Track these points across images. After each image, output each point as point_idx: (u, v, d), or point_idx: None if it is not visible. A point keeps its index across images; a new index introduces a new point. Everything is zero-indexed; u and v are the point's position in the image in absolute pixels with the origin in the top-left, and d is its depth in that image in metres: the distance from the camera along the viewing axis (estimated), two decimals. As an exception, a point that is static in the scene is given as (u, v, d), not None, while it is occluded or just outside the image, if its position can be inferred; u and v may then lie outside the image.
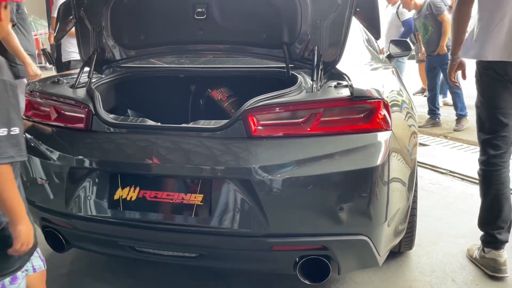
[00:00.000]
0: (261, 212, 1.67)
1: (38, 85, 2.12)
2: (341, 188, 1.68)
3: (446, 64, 5.39)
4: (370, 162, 1.68)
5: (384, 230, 1.79)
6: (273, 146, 1.71)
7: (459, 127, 5.45)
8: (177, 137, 1.80)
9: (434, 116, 5.73)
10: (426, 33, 5.47)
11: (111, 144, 1.85)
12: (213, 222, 1.72)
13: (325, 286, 2.17)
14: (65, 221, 1.91)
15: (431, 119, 5.73)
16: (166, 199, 1.75)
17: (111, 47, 2.24)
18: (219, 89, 2.54)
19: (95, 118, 1.87)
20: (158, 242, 1.84)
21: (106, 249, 2.01)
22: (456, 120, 5.55)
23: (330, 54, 1.95)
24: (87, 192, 1.84)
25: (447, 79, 5.49)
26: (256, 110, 1.73)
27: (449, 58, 4.02)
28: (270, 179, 1.65)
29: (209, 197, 1.72)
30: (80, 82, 2.10)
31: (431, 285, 2.19)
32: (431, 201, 3.22)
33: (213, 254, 1.81)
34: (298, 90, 1.83)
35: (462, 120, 5.49)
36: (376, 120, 1.73)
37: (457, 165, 4.02)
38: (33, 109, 2.09)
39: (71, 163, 1.84)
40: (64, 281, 2.31)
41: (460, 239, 2.64)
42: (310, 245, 1.74)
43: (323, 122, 1.72)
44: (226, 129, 1.75)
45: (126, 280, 2.30)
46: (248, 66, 2.25)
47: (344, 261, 1.79)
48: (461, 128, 5.43)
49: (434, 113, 5.73)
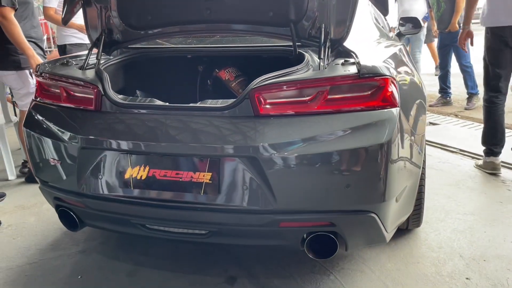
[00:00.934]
0: (268, 190, 1.69)
1: (48, 67, 2.14)
2: (348, 165, 1.69)
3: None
4: (377, 139, 1.68)
5: (391, 207, 1.80)
6: (280, 124, 1.72)
7: (470, 106, 5.39)
8: (185, 117, 1.82)
9: (445, 95, 5.67)
10: (438, 10, 5.38)
11: (121, 124, 1.87)
12: (221, 199, 1.74)
13: (333, 263, 2.21)
14: (77, 200, 1.96)
15: (442, 98, 5.67)
16: (175, 177, 1.78)
17: (118, 28, 2.25)
18: (226, 69, 2.55)
19: (104, 98, 1.89)
20: (168, 219, 1.87)
21: (118, 227, 2.05)
22: (467, 99, 5.49)
23: (337, 31, 1.93)
24: (98, 172, 1.87)
25: (458, 57, 5.42)
26: (263, 88, 1.73)
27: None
28: (277, 156, 1.67)
29: (217, 175, 1.74)
30: (88, 63, 2.12)
31: (439, 261, 2.21)
32: (440, 180, 3.22)
33: (222, 231, 1.84)
34: (305, 68, 1.83)
35: (473, 98, 5.43)
36: (383, 97, 1.72)
37: (467, 144, 4.00)
38: (44, 91, 2.12)
39: (81, 143, 1.87)
40: (79, 258, 2.37)
41: (468, 216, 2.65)
42: (317, 221, 1.76)
43: (330, 100, 1.72)
44: (233, 108, 1.76)
45: (138, 257, 2.35)
46: (255, 45, 2.24)
47: (351, 237, 1.81)
48: (472, 107, 5.37)
49: (445, 92, 5.66)
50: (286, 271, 2.17)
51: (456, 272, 2.12)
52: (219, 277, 2.15)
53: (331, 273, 2.14)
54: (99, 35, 2.22)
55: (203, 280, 2.12)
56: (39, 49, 3.33)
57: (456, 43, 5.30)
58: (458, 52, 5.35)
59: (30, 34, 3.26)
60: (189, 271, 2.21)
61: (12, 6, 3.00)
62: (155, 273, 2.21)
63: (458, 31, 5.23)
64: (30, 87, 3.28)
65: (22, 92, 3.37)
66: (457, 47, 5.32)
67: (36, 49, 3.26)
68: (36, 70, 2.59)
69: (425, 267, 2.17)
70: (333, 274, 2.14)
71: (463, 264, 2.18)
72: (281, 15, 2.02)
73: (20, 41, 3.06)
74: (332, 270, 2.16)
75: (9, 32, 3.04)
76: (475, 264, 2.18)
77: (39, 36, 3.36)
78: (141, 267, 2.26)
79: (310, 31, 2.00)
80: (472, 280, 2.05)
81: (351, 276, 2.12)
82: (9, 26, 3.02)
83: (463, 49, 3.75)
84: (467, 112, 5.28)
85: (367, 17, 2.55)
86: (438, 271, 2.13)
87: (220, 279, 2.13)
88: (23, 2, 3.23)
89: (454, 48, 5.38)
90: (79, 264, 2.32)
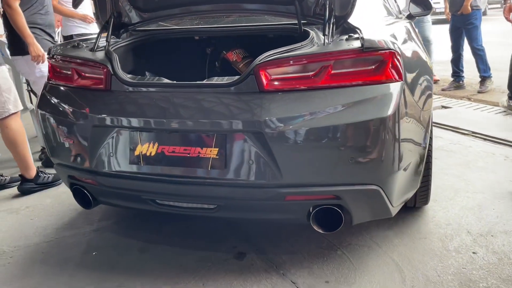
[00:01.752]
0: (274, 164, 1.73)
1: (59, 49, 2.20)
2: (352, 139, 1.71)
3: (470, 24, 5.26)
4: (380, 113, 1.70)
5: (395, 180, 1.82)
6: (285, 99, 1.75)
7: (483, 89, 5.33)
8: (192, 94, 1.86)
9: (458, 79, 5.61)
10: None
11: (130, 103, 1.92)
12: (228, 174, 1.79)
13: (340, 239, 2.24)
14: (90, 178, 2.02)
15: (455, 82, 5.61)
16: (183, 153, 1.83)
17: (127, 11, 2.29)
18: (234, 51, 2.58)
19: (114, 78, 1.95)
20: (177, 194, 1.93)
21: (130, 203, 2.12)
22: (480, 82, 5.42)
23: (342, 8, 1.94)
24: (109, 149, 1.93)
25: (470, 40, 5.35)
26: (267, 64, 1.76)
27: (473, 17, 4.32)
28: (282, 131, 1.70)
29: (224, 151, 1.78)
30: (98, 46, 2.17)
31: (446, 236, 2.22)
32: (450, 160, 3.22)
33: (229, 205, 1.89)
34: (309, 44, 1.85)
35: (486, 81, 5.36)
36: (387, 71, 1.74)
37: (480, 126, 3.97)
38: (56, 72, 2.18)
39: (93, 122, 1.93)
40: (93, 236, 2.45)
41: (477, 195, 2.65)
42: (322, 195, 1.80)
43: (334, 75, 1.74)
44: (238, 84, 1.79)
45: (150, 236, 2.42)
46: (260, 24, 2.26)
47: (357, 210, 1.84)
48: (485, 90, 5.31)
49: (458, 75, 5.60)
50: (294, 247, 2.22)
51: (463, 247, 2.13)
52: (229, 253, 2.20)
53: (338, 248, 2.18)
54: (109, 18, 2.26)
55: (213, 256, 2.18)
56: (46, 35, 3.41)
57: (469, 26, 5.24)
58: (470, 35, 5.28)
59: (36, 20, 3.34)
60: (199, 247, 2.26)
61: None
62: (167, 249, 2.27)
63: (471, 14, 5.16)
64: (36, 71, 3.37)
65: (31, 78, 3.48)
66: (469, 30, 5.26)
67: (43, 35, 3.36)
68: (34, 57, 2.75)
69: (432, 242, 2.19)
70: (340, 249, 2.17)
71: (470, 240, 2.19)
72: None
73: (22, 29, 3.17)
74: (340, 246, 2.20)
75: (12, 19, 3.17)
76: (482, 239, 2.19)
77: (46, 23, 3.42)
78: (153, 244, 2.33)
79: (315, 9, 2.01)
80: (478, 254, 2.07)
81: (358, 251, 2.15)
82: (12, 14, 3.14)
83: (508, 20, 4.04)
84: (480, 95, 5.21)
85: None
86: (444, 246, 2.15)
87: (229, 255, 2.18)
88: None
89: (466, 31, 5.31)
90: (93, 242, 2.40)
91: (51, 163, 3.79)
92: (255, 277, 2.01)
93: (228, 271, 2.05)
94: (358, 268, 2.03)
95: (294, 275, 2.00)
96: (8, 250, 2.38)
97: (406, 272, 1.97)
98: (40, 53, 3.24)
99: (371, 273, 1.98)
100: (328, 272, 2.01)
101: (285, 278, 1.98)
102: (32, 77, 3.47)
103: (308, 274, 2.00)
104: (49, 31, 3.45)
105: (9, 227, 2.64)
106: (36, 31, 3.32)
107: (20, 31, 3.18)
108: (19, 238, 2.50)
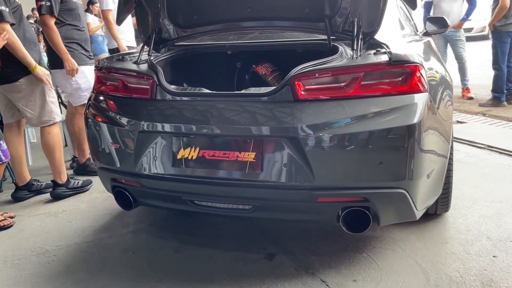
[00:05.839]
0: (307, 167, 1.87)
1: (106, 62, 2.39)
2: (380, 145, 1.84)
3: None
4: (407, 120, 1.83)
5: (420, 185, 1.94)
6: (318, 107, 1.89)
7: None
8: (231, 103, 2.02)
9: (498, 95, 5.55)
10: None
11: (174, 110, 2.09)
12: (264, 176, 1.93)
13: (365, 242, 2.36)
14: (133, 180, 2.18)
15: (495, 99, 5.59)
16: (223, 157, 1.98)
17: (167, 27, 2.48)
18: (263, 65, 2.75)
19: (159, 88, 2.12)
20: (216, 195, 2.07)
21: (169, 204, 2.26)
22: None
23: (370, 25, 2.10)
24: (153, 153, 2.09)
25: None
26: (302, 76, 1.92)
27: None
28: (316, 136, 1.84)
29: (260, 155, 1.93)
30: (141, 59, 2.35)
31: (466, 241, 2.33)
32: (467, 172, 3.32)
33: (264, 206, 2.02)
34: (339, 58, 2.00)
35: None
36: (413, 82, 1.88)
37: (496, 140, 4.07)
38: (102, 84, 2.36)
39: (139, 128, 2.09)
40: (129, 238, 2.60)
41: (496, 204, 2.75)
42: (352, 197, 1.93)
43: (363, 85, 1.89)
44: (274, 94, 1.95)
45: (183, 237, 2.56)
46: (291, 40, 2.43)
47: (384, 212, 1.96)
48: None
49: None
50: (321, 250, 2.33)
51: (484, 251, 2.23)
52: (259, 254, 2.33)
53: (364, 251, 2.29)
54: (150, 34, 2.45)
55: (245, 257, 2.31)
56: (82, 49, 3.66)
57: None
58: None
59: (73, 36, 3.59)
60: (230, 249, 2.40)
61: (51, 14, 3.36)
62: (200, 250, 2.41)
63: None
64: (72, 83, 3.59)
65: (68, 90, 3.70)
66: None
67: (79, 49, 3.62)
68: (68, 71, 3.14)
69: (453, 246, 2.30)
70: (365, 252, 2.29)
71: (490, 244, 2.29)
72: (317, 10, 2.21)
73: (57, 45, 3.42)
74: (365, 249, 2.31)
75: (48, 37, 3.43)
76: (502, 244, 2.29)
77: (82, 38, 3.67)
78: (187, 245, 2.46)
79: (343, 25, 2.18)
80: (499, 258, 2.17)
81: (382, 254, 2.27)
82: (48, 32, 3.40)
83: None
84: (494, 111, 5.31)
85: (396, 12, 2.72)
86: (466, 250, 2.26)
87: (260, 256, 2.31)
88: (68, 9, 3.56)
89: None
90: (130, 243, 2.55)
91: (81, 171, 3.98)
92: (286, 275, 2.13)
93: (260, 270, 2.18)
94: (384, 268, 2.14)
95: (323, 274, 2.12)
96: (51, 249, 2.53)
97: (430, 273, 2.08)
98: (74, 67, 3.49)
99: (396, 273, 2.10)
100: (355, 272, 2.12)
101: (315, 277, 2.10)
102: (68, 89, 3.69)
103: (336, 274, 2.12)
104: (85, 45, 3.69)
105: (49, 229, 2.80)
106: (73, 45, 3.57)
107: (56, 48, 3.44)
108: (60, 238, 2.66)
